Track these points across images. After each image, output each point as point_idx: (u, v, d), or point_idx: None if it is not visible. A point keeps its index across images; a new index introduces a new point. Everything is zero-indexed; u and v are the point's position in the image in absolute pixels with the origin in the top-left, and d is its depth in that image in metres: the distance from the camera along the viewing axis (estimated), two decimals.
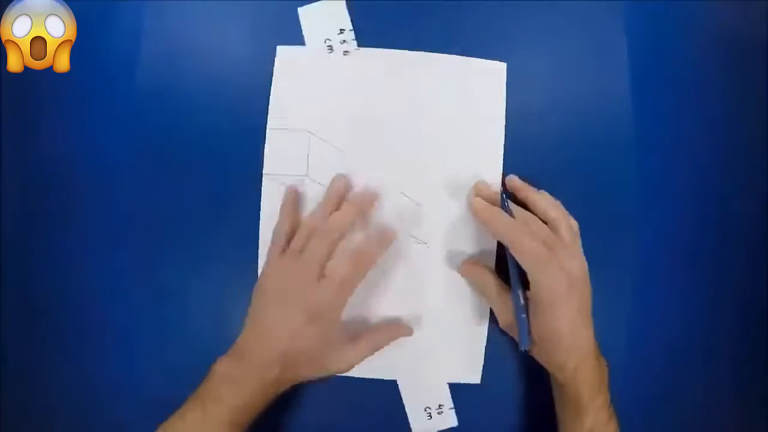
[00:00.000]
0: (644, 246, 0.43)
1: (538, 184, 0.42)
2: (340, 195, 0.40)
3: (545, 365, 0.39)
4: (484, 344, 0.42)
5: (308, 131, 0.42)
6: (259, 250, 0.42)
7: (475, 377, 0.43)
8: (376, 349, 0.40)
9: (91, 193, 0.43)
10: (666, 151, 0.44)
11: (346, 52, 0.42)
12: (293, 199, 0.41)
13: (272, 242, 0.40)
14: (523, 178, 0.42)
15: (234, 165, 0.42)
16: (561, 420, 0.39)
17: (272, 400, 0.38)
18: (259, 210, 0.42)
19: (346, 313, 0.38)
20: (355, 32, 0.42)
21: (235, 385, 0.36)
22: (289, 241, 0.39)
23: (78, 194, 0.43)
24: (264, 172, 0.42)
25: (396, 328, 0.41)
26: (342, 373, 0.39)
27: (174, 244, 0.42)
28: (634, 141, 0.43)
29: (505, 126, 0.42)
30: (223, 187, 0.42)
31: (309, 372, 0.38)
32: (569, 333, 0.36)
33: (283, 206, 0.41)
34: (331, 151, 0.42)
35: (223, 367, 0.37)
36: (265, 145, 0.41)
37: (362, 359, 0.39)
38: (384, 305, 0.42)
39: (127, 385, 0.43)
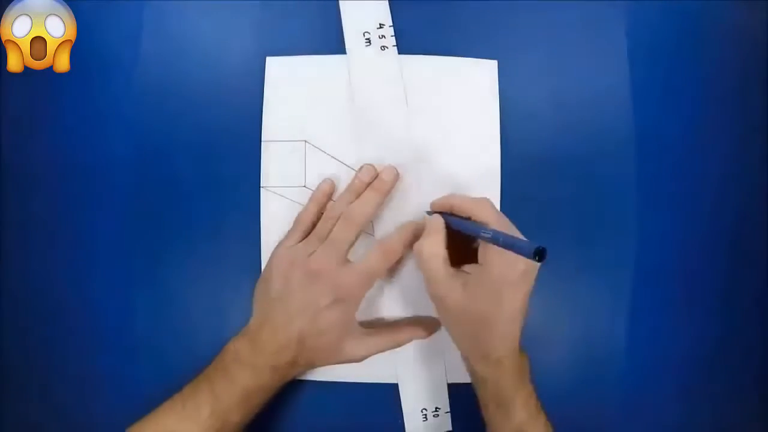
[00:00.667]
0: (644, 246, 0.43)
1: (538, 185, 0.42)
2: (365, 183, 0.40)
3: (465, 353, 0.37)
4: None
5: (303, 141, 0.42)
6: (262, 254, 0.41)
7: None
8: (394, 347, 0.40)
9: (91, 193, 0.43)
10: (666, 152, 0.44)
11: (383, 47, 0.41)
12: (325, 192, 0.41)
13: (292, 229, 0.40)
14: (522, 178, 0.42)
15: (234, 164, 0.42)
16: (488, 421, 0.37)
17: (282, 385, 0.38)
18: (260, 209, 0.42)
19: None
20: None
21: (247, 366, 0.36)
22: (308, 231, 0.40)
23: (78, 194, 0.43)
24: (261, 185, 0.42)
25: (416, 329, 0.41)
26: (355, 361, 0.39)
27: (174, 244, 0.42)
28: (634, 141, 0.43)
29: (506, 127, 0.42)
30: (224, 187, 0.42)
31: (323, 356, 0.38)
32: (507, 321, 0.35)
33: (313, 196, 0.41)
34: (328, 159, 0.42)
35: (235, 347, 0.37)
36: (261, 157, 0.41)
37: (377, 352, 0.39)
38: (386, 307, 0.42)
39: (127, 385, 0.43)
